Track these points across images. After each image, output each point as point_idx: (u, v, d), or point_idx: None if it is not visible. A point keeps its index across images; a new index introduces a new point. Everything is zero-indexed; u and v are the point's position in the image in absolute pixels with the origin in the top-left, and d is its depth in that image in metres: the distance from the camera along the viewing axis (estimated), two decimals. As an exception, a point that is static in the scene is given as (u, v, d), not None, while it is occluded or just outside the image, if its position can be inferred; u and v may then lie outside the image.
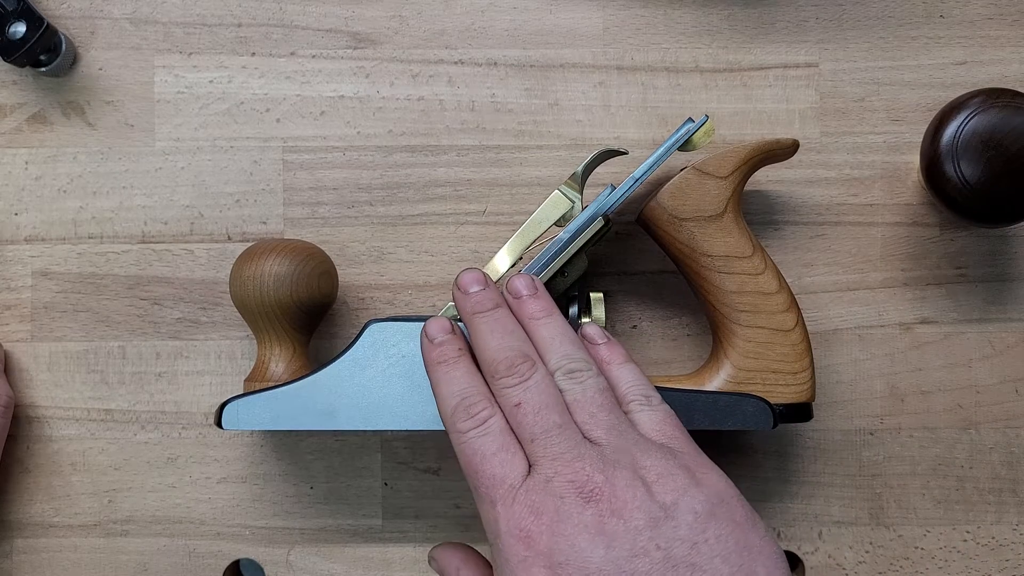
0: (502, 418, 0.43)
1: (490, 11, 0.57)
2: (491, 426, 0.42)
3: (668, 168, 0.53)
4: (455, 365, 0.45)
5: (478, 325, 0.46)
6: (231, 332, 0.57)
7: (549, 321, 0.46)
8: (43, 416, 0.56)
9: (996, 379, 0.56)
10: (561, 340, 0.45)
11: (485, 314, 0.46)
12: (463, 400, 0.43)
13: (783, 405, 0.51)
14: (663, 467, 0.41)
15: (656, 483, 0.40)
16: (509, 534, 0.40)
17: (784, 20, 0.57)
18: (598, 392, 0.43)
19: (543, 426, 0.42)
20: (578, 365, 0.44)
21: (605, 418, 0.42)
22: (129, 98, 0.57)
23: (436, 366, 0.45)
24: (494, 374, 0.44)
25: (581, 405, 0.43)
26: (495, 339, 0.45)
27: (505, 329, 0.45)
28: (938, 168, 0.51)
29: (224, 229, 0.57)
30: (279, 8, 0.57)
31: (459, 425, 0.43)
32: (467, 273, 0.48)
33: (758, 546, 0.40)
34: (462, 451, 0.43)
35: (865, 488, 0.56)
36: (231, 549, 0.56)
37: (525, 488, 0.40)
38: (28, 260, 0.57)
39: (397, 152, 0.57)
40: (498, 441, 0.42)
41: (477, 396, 0.43)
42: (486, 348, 0.45)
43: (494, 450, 0.42)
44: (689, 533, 0.39)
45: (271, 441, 0.57)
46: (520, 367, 0.43)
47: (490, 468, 0.41)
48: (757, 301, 0.51)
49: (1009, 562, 0.56)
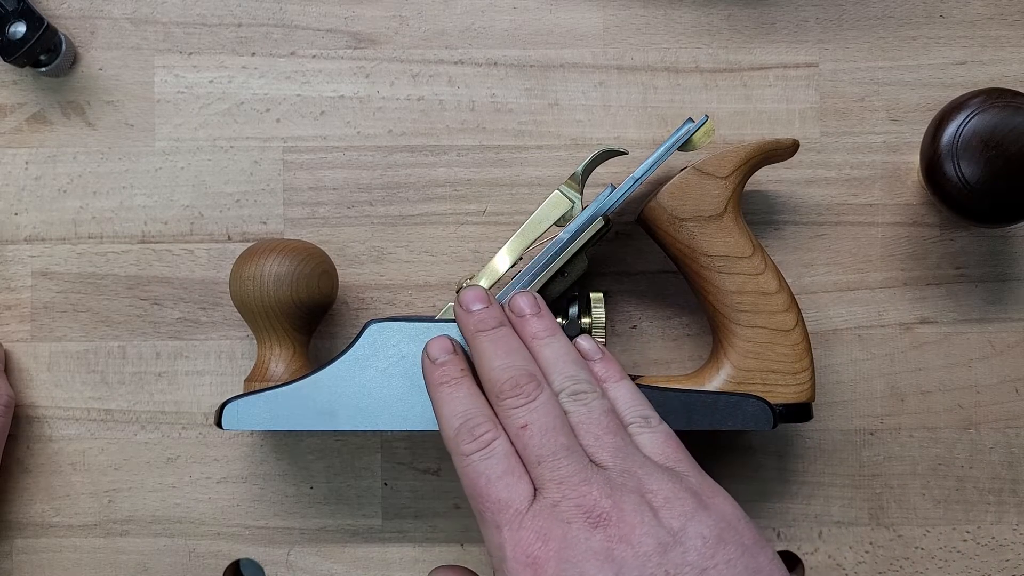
0: (507, 440, 0.42)
1: (490, 11, 0.57)
2: (495, 449, 0.42)
3: (668, 168, 0.53)
4: (458, 386, 0.44)
5: (481, 344, 0.45)
6: (231, 332, 0.57)
7: (552, 341, 0.46)
8: (43, 416, 0.56)
9: (996, 379, 0.56)
10: (564, 361, 0.45)
11: (488, 332, 0.46)
12: (466, 422, 0.43)
13: (783, 405, 0.51)
14: (670, 491, 0.40)
15: (663, 507, 0.40)
16: (516, 560, 0.39)
17: (784, 20, 0.57)
18: (603, 414, 0.43)
19: (550, 448, 0.41)
20: (582, 387, 0.44)
21: (611, 441, 0.42)
22: (129, 98, 0.57)
23: (438, 387, 0.45)
24: (499, 395, 0.43)
25: (586, 427, 0.42)
26: (499, 358, 0.44)
27: (509, 348, 0.45)
28: (938, 168, 0.51)
29: (224, 229, 0.57)
30: (279, 8, 0.57)
31: (463, 447, 0.42)
32: (469, 291, 0.47)
33: (767, 569, 0.39)
34: (466, 474, 0.42)
35: (865, 488, 0.56)
36: (231, 549, 0.56)
37: (532, 513, 0.40)
38: (28, 260, 0.57)
39: (397, 152, 0.57)
40: (503, 464, 0.41)
41: (481, 418, 0.43)
42: (490, 368, 0.44)
43: (499, 473, 0.41)
44: (698, 558, 0.38)
45: (271, 441, 0.57)
46: (525, 387, 0.43)
47: (495, 492, 0.41)
48: (757, 301, 0.51)
49: (1009, 562, 0.56)
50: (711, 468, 0.55)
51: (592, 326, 0.51)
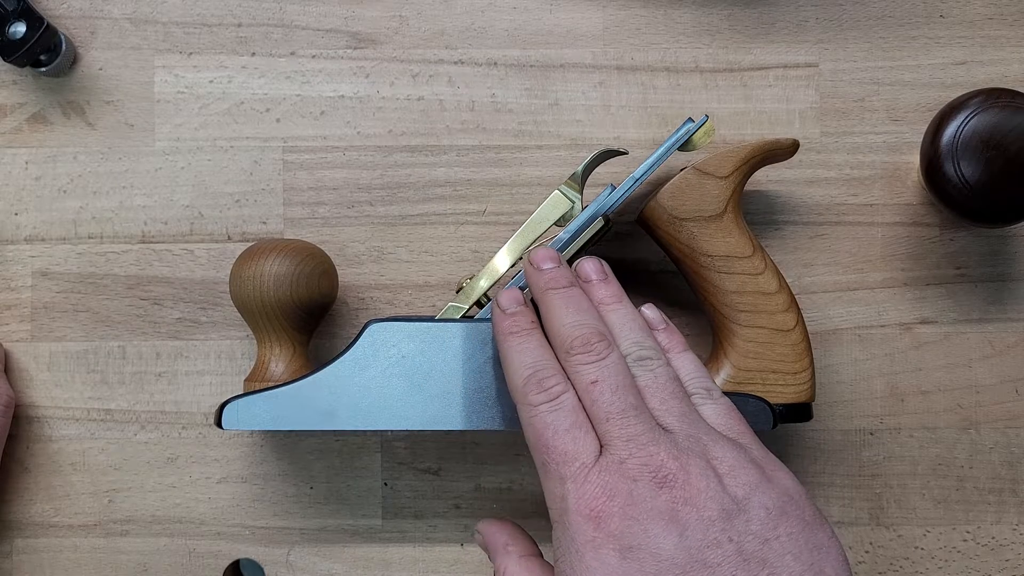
0: (575, 395, 0.42)
1: (490, 11, 0.57)
2: (564, 402, 0.41)
3: (668, 168, 0.53)
4: (528, 336, 0.44)
5: (552, 300, 0.45)
6: (231, 332, 0.57)
7: (619, 307, 0.46)
8: (43, 416, 0.56)
9: (996, 379, 0.56)
10: (631, 327, 0.45)
11: (560, 291, 0.45)
12: (535, 372, 0.42)
13: (783, 405, 0.51)
14: (734, 459, 0.40)
15: (728, 475, 0.40)
16: (578, 512, 0.39)
17: (784, 20, 0.57)
18: (669, 380, 0.43)
19: (620, 406, 0.41)
20: (649, 352, 0.44)
21: (677, 406, 0.42)
22: (129, 98, 0.57)
23: (508, 336, 0.45)
24: (569, 350, 0.43)
25: (653, 392, 0.42)
26: (570, 315, 0.44)
27: (580, 307, 0.45)
28: (938, 168, 0.51)
29: (224, 229, 0.57)
30: (279, 8, 0.57)
31: (531, 398, 0.42)
32: (541, 250, 0.47)
33: (826, 546, 0.40)
34: (532, 424, 0.41)
35: (865, 488, 0.56)
36: (231, 549, 0.56)
37: (598, 468, 0.40)
38: (28, 260, 0.57)
39: (397, 152, 0.57)
40: (571, 418, 0.41)
41: (550, 370, 0.43)
42: (561, 324, 0.44)
43: (567, 426, 0.41)
44: (761, 528, 0.38)
45: (271, 441, 0.57)
46: (596, 345, 0.43)
47: (562, 444, 0.40)
48: (757, 301, 0.51)
49: (1009, 562, 0.56)
50: (711, 468, 0.55)
51: (592, 326, 0.51)
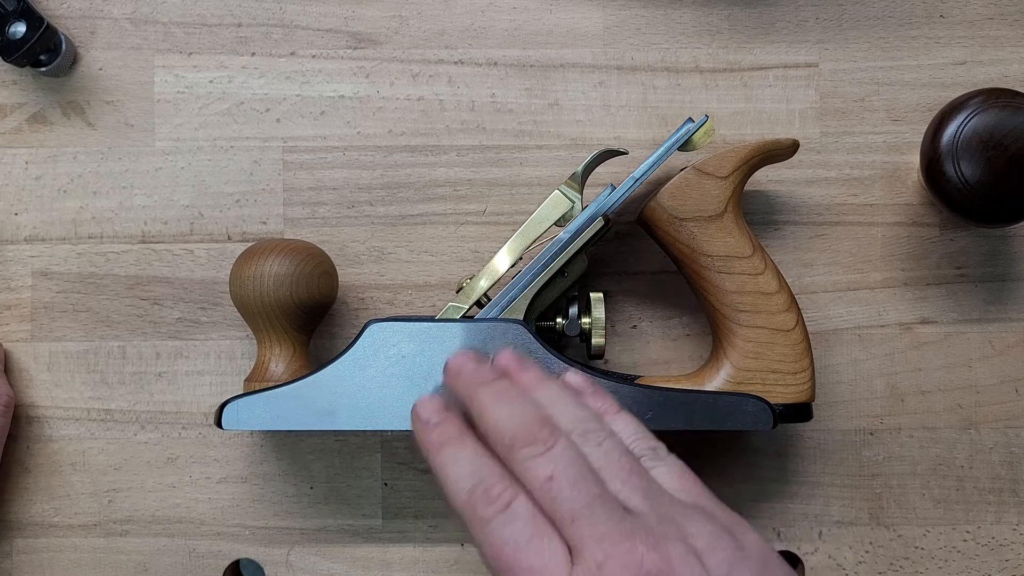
0: (527, 498, 0.37)
1: (490, 11, 0.57)
2: (517, 509, 0.37)
3: (668, 168, 0.53)
4: (461, 445, 0.39)
5: (483, 397, 0.40)
6: (231, 332, 0.57)
7: (546, 384, 0.42)
8: (43, 416, 0.56)
9: (996, 379, 0.56)
10: (564, 401, 0.41)
11: (488, 384, 0.41)
12: (479, 483, 0.38)
13: (783, 405, 0.51)
14: (709, 534, 0.37)
15: (707, 553, 0.36)
16: None
17: (784, 20, 0.57)
18: (622, 454, 0.39)
19: (584, 500, 0.36)
20: (591, 424, 0.40)
21: (639, 483, 0.38)
22: (129, 98, 0.57)
23: (439, 450, 0.39)
24: (512, 446, 0.38)
25: (611, 473, 0.38)
26: (504, 408, 0.39)
27: (513, 397, 0.40)
28: (938, 168, 0.51)
29: (224, 229, 0.57)
30: (279, 8, 0.57)
31: (479, 512, 0.37)
32: (456, 356, 0.43)
33: None
34: (488, 542, 0.37)
35: (865, 488, 0.56)
36: (231, 549, 0.56)
37: None
38: (28, 260, 0.57)
39: (397, 152, 0.57)
40: (530, 526, 0.36)
41: (495, 476, 0.38)
42: (497, 420, 0.39)
43: (527, 537, 0.36)
44: None
45: (271, 441, 0.57)
46: (541, 433, 0.38)
47: (526, 559, 0.36)
48: (757, 301, 0.51)
49: (1009, 562, 0.56)
50: (711, 468, 0.55)
51: (592, 326, 0.51)
